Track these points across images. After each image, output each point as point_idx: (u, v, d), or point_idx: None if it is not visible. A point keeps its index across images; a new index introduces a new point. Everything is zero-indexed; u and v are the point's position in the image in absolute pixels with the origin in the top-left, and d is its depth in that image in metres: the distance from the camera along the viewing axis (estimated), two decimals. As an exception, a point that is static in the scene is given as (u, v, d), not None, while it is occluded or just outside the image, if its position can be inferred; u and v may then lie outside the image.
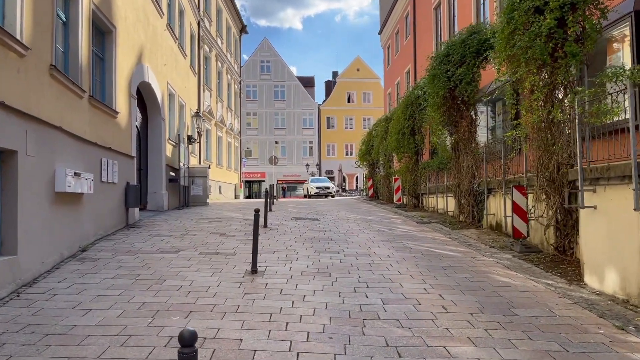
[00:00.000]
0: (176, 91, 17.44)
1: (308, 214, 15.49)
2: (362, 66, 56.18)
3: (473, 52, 12.01)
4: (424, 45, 23.98)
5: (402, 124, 17.46)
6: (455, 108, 12.53)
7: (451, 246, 9.54)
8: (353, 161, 54.55)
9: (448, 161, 14.26)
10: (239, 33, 34.30)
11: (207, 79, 24.73)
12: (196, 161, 21.59)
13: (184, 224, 11.60)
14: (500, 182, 10.74)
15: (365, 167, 27.89)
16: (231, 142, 31.71)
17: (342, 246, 9.15)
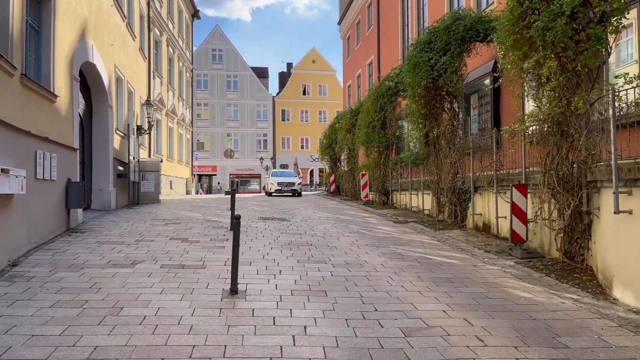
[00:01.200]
0: (124, 76, 15.66)
1: (274, 213, 14.24)
2: (318, 58, 55.04)
3: (458, 39, 11.16)
4: (389, 36, 23.15)
5: (372, 117, 16.50)
6: (439, 99, 11.65)
7: (444, 251, 8.62)
8: (309, 155, 53.53)
9: (425, 156, 13.42)
10: (191, 18, 32.30)
11: (158, 65, 22.85)
12: (146, 154, 19.80)
13: (137, 227, 10.09)
14: (489, 179, 9.94)
15: (327, 162, 26.86)
16: (183, 134, 29.82)
17: (327, 253, 8.02)
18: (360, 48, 28.90)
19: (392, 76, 16.25)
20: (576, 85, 6.83)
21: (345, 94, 33.68)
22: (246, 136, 52.97)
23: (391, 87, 16.14)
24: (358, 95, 29.30)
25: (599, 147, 6.32)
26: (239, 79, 52.80)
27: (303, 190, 35.23)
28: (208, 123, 51.93)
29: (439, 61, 11.18)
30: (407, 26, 20.96)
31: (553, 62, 6.50)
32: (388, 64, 22.85)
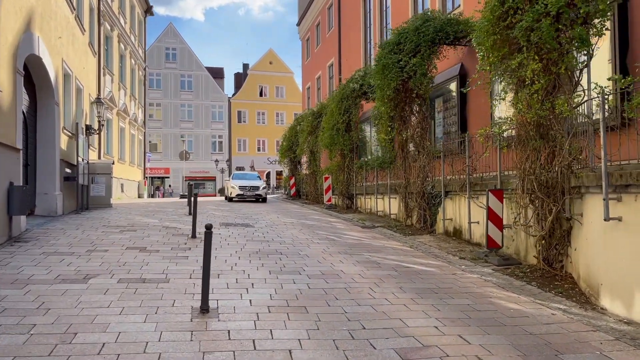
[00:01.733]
0: (73, 71, 14.60)
1: (236, 218, 13.60)
2: (276, 59, 54.37)
3: (428, 41, 10.96)
4: (350, 38, 22.92)
5: (337, 119, 16.15)
6: (408, 102, 11.41)
7: (419, 258, 8.31)
8: (266, 157, 52.75)
9: (392, 160, 13.18)
10: (143, 14, 31.01)
11: (108, 62, 21.64)
12: (95, 155, 18.64)
13: (88, 235, 9.25)
14: (462, 184, 9.75)
15: (287, 164, 26.33)
16: (135, 135, 28.51)
17: (299, 263, 7.53)
18: (320, 50, 28.58)
19: (357, 78, 15.97)
20: (558, 88, 6.68)
21: (304, 96, 33.27)
22: (201, 138, 51.59)
23: (356, 89, 15.84)
24: (318, 97, 28.96)
25: (585, 151, 6.15)
26: (194, 79, 51.36)
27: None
28: (161, 124, 50.21)
29: (409, 63, 10.95)
30: (370, 28, 20.78)
31: (537, 64, 6.30)
32: (350, 66, 22.62)
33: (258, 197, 22.13)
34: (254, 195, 21.94)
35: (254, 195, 21.91)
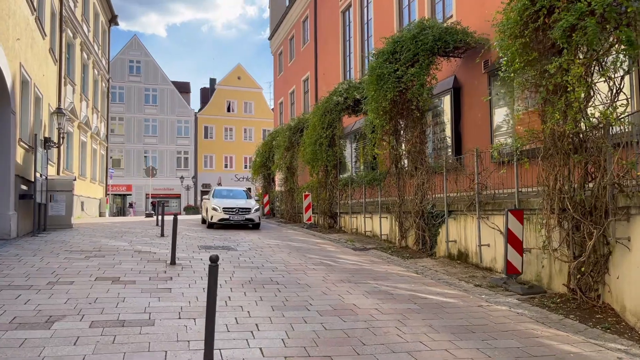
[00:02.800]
0: (32, 78, 13.21)
1: (214, 240, 12.43)
2: (244, 75, 53.26)
3: (427, 50, 10.27)
4: (327, 51, 22.25)
5: (320, 134, 15.27)
6: (406, 115, 10.65)
7: (431, 286, 7.43)
8: (233, 174, 51.30)
9: (384, 176, 12.38)
10: (108, 23, 29.50)
11: (70, 71, 20.14)
12: (54, 171, 17.07)
13: (48, 263, 7.94)
14: (467, 202, 8.98)
15: (260, 181, 25.21)
16: (97, 149, 26.80)
17: (302, 295, 6.51)
18: (295, 64, 27.81)
19: (341, 91, 15.18)
20: (593, 96, 6.01)
21: (276, 111, 32.35)
22: (165, 153, 49.66)
23: (340, 103, 15.04)
24: (292, 112, 28.11)
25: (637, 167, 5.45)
26: (159, 92, 49.59)
27: None
28: (123, 139, 48.05)
29: (407, 73, 10.22)
30: (349, 41, 20.16)
31: (579, 68, 5.60)
32: (327, 79, 21.90)
33: (249, 222, 16.29)
34: (243, 220, 16.08)
35: (244, 220, 16.10)
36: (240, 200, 17.24)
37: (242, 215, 16.01)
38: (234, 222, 15.92)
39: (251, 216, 16.18)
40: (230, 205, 16.20)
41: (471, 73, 11.61)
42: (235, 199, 17.25)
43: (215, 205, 16.17)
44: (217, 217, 15.87)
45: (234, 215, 15.91)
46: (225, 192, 18.38)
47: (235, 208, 16.11)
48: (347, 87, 15.20)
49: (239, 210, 16.06)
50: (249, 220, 16.15)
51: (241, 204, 16.52)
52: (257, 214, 16.41)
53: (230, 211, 15.98)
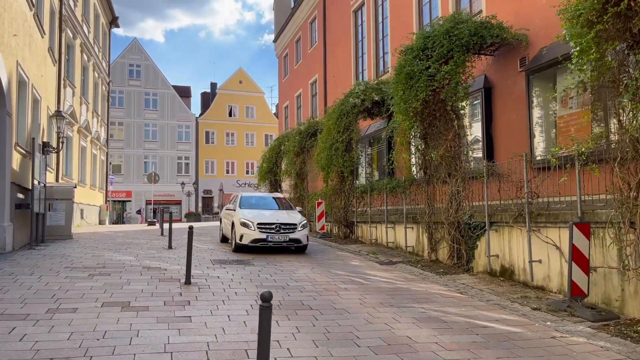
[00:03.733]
0: (29, 78, 12.31)
1: (226, 252, 11.50)
2: (246, 79, 52.43)
3: (462, 46, 9.40)
4: (337, 53, 21.41)
5: (335, 138, 14.37)
6: (439, 116, 9.77)
7: (485, 311, 6.51)
8: (235, 180, 50.34)
9: (409, 183, 11.49)
10: (108, 25, 28.65)
11: (70, 73, 19.26)
12: (53, 178, 16.15)
13: (47, 284, 7.00)
14: (514, 212, 8.08)
15: (266, 188, 24.26)
16: (97, 155, 25.88)
17: (344, 324, 5.58)
18: (302, 66, 26.96)
19: (358, 92, 14.29)
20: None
21: (281, 115, 31.47)
22: (166, 159, 48.70)
23: (357, 105, 14.16)
24: (298, 116, 27.25)
25: None
26: (159, 97, 48.69)
27: None
28: (123, 144, 47.07)
29: (440, 70, 9.34)
30: (361, 41, 19.32)
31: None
32: (337, 82, 21.06)
33: (293, 243, 11.41)
34: (287, 242, 11.30)
35: (287, 241, 11.29)
36: (280, 212, 12.59)
37: (284, 234, 11.19)
38: (274, 244, 11.14)
39: (297, 235, 11.30)
40: (267, 220, 11.41)
41: (504, 72, 10.74)
42: (273, 211, 12.70)
43: (245, 220, 11.36)
44: (250, 237, 11.08)
45: (274, 234, 11.12)
46: (255, 200, 13.42)
47: (274, 224, 11.26)
48: (365, 89, 14.32)
49: (281, 227, 11.26)
50: (294, 241, 11.30)
51: (282, 217, 11.76)
52: (304, 233, 11.52)
53: (268, 228, 11.20)
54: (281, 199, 14.20)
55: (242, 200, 12.91)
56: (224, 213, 13.67)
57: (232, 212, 12.37)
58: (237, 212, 12.01)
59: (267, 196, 14.59)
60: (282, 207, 13.40)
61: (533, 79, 9.80)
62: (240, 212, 11.91)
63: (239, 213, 11.88)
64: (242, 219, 11.44)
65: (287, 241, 11.25)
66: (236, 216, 11.81)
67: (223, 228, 13.71)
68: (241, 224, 11.37)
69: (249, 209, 12.26)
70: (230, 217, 12.37)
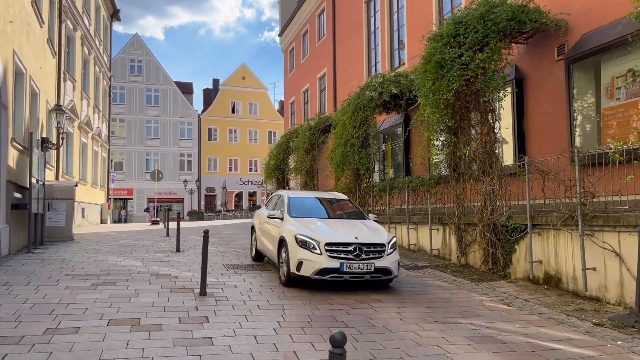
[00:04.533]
0: (27, 69, 11.52)
1: (239, 255, 10.72)
2: (249, 75, 51.55)
3: (498, 31, 8.61)
4: (348, 45, 20.59)
5: (351, 133, 13.58)
6: (472, 108, 8.98)
7: (543, 327, 5.73)
8: (238, 177, 49.58)
9: (436, 181, 10.71)
10: (109, 18, 27.82)
11: (70, 66, 18.45)
12: (52, 176, 15.37)
13: (45, 296, 6.22)
14: (563, 214, 7.28)
15: (274, 186, 23.48)
16: (98, 152, 25.08)
17: (389, 346, 4.79)
18: (309, 60, 26.13)
19: (375, 85, 13.49)
20: None
21: (287, 111, 30.66)
22: (168, 156, 47.88)
23: (374, 98, 13.36)
24: (305, 111, 26.44)
25: None
26: (161, 93, 47.84)
27: (236, 217, 26.69)
28: (124, 141, 46.25)
29: (475, 58, 8.54)
30: (374, 33, 18.50)
31: None
32: (348, 75, 20.26)
33: (380, 275, 7.27)
34: (372, 273, 7.15)
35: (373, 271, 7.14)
36: (353, 223, 8.24)
37: (367, 262, 7.09)
38: (352, 276, 7.06)
39: (386, 263, 7.21)
40: (341, 239, 7.29)
41: (538, 61, 9.93)
42: (341, 221, 8.59)
43: (305, 236, 7.31)
44: (315, 266, 7.01)
45: (352, 261, 7.03)
46: (311, 204, 9.14)
47: (352, 245, 7.15)
48: (382, 81, 13.52)
49: (361, 250, 7.14)
50: (382, 272, 7.18)
51: (362, 233, 7.58)
52: (395, 258, 7.42)
53: (342, 251, 7.11)
54: (347, 203, 9.61)
55: (290, 204, 8.68)
56: (260, 219, 9.69)
57: (277, 221, 8.41)
58: (286, 223, 8.03)
59: (325, 197, 9.80)
60: (351, 214, 9.03)
61: (574, 68, 9.00)
62: (292, 223, 7.85)
63: (291, 224, 7.82)
64: (300, 235, 7.26)
65: (371, 272, 6.94)
66: (286, 229, 7.77)
67: (257, 241, 9.70)
68: (299, 242, 7.19)
69: (304, 218, 8.19)
70: (274, 228, 8.46)
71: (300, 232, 7.42)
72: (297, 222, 7.96)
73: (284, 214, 8.40)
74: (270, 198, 10.57)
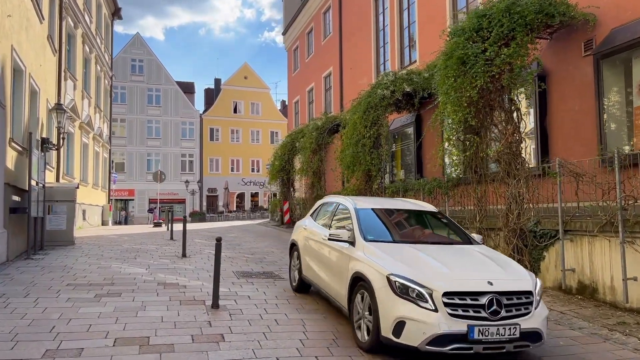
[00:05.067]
0: (26, 67, 11.05)
1: (247, 259, 10.23)
2: (251, 74, 51.04)
3: (524, 25, 8.11)
4: (355, 43, 20.10)
5: (362, 133, 13.08)
6: (497, 106, 8.48)
7: (591, 344, 5.24)
8: (240, 178, 49.07)
9: (453, 183, 10.22)
10: (111, 16, 27.34)
11: (71, 65, 17.98)
12: (53, 177, 14.89)
13: (45, 310, 5.73)
14: (601, 219, 6.80)
15: (278, 186, 23.01)
16: (99, 152, 24.60)
17: (431, 371, 4.29)
18: (314, 59, 25.64)
19: (386, 83, 13.00)
20: None
21: (291, 111, 30.16)
22: (169, 157, 47.37)
23: (386, 97, 12.87)
24: (310, 111, 25.96)
25: None
26: (162, 93, 47.32)
27: (240, 219, 26.70)
28: (125, 141, 45.74)
29: (500, 54, 8.05)
30: (383, 30, 18.01)
31: None
32: (355, 74, 19.78)
33: (527, 342, 4.42)
34: (517, 341, 4.34)
35: (518, 337, 4.33)
36: (480, 261, 5.24)
37: (509, 323, 4.37)
38: (487, 347, 4.31)
39: (534, 323, 4.48)
40: (470, 287, 4.50)
41: (563, 57, 9.44)
42: (453, 251, 5.54)
43: (405, 280, 4.53)
44: (428, 331, 4.26)
45: (489, 323, 4.31)
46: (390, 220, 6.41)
47: (486, 295, 4.43)
48: (394, 79, 13.03)
49: (502, 303, 4.43)
50: (529, 336, 4.45)
51: (494, 274, 4.78)
52: (543, 313, 4.68)
53: (471, 306, 4.38)
54: (439, 217, 6.55)
55: (361, 220, 5.87)
56: (307, 235, 7.05)
57: (344, 246, 5.61)
58: (362, 250, 5.29)
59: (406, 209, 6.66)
60: (451, 236, 6.13)
61: (604, 64, 8.51)
62: (375, 254, 5.12)
63: (374, 255, 5.11)
64: (398, 277, 4.58)
65: (516, 339, 4.37)
66: (367, 262, 5.05)
67: (304, 266, 6.93)
68: (396, 288, 4.53)
69: (388, 243, 5.53)
70: (339, 256, 5.71)
71: (397, 272, 4.56)
72: (381, 251, 5.09)
73: (354, 236, 5.50)
74: (319, 206, 7.64)
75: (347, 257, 5.46)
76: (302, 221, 7.87)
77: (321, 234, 6.50)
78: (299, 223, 7.94)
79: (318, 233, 6.67)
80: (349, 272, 5.24)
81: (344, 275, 5.41)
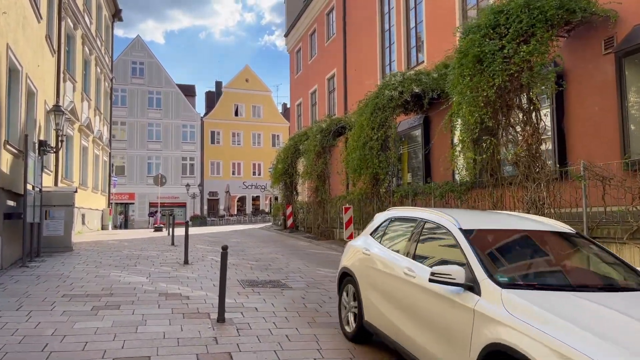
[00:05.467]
0: (23, 66, 10.66)
1: (253, 268, 9.81)
2: (252, 77, 50.69)
3: (544, 21, 7.73)
4: (360, 44, 19.73)
5: (369, 135, 12.69)
6: (515, 106, 8.09)
7: None
8: (241, 181, 48.66)
9: (467, 187, 9.82)
10: (111, 18, 27.00)
11: (70, 66, 17.60)
12: (51, 181, 14.49)
13: (38, 325, 5.31)
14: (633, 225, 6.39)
15: (280, 190, 22.61)
16: (99, 155, 24.21)
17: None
18: (317, 61, 25.27)
19: (394, 84, 12.62)
20: None
21: (293, 114, 29.79)
22: (170, 160, 46.97)
23: (394, 98, 12.48)
24: (313, 113, 25.59)
25: None
26: (163, 96, 46.96)
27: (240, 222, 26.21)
28: (125, 144, 45.34)
29: (519, 51, 7.66)
30: (389, 31, 17.64)
31: None
32: (360, 76, 19.41)
33: None
34: None
35: None
36: None
37: None
38: None
39: None
40: None
41: (582, 55, 9.05)
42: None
43: None
44: None
45: None
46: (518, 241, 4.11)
47: None
48: (402, 80, 12.64)
49: None
50: None
51: None
52: None
53: None
54: (585, 244, 4.19)
55: (478, 249, 3.68)
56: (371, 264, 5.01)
57: (452, 291, 3.52)
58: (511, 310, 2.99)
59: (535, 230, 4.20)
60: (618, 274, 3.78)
61: (626, 62, 8.12)
62: (553, 323, 2.74)
63: (553, 327, 2.71)
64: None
65: None
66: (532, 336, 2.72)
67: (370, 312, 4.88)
68: None
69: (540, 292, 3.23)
70: (444, 307, 3.58)
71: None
72: (542, 308, 2.93)
73: (474, 276, 3.42)
74: (385, 221, 5.41)
75: (464, 312, 3.32)
76: (357, 241, 5.70)
77: (399, 265, 4.37)
78: (352, 243, 5.83)
79: (392, 264, 4.55)
80: (476, 339, 3.12)
81: (459, 341, 3.32)
